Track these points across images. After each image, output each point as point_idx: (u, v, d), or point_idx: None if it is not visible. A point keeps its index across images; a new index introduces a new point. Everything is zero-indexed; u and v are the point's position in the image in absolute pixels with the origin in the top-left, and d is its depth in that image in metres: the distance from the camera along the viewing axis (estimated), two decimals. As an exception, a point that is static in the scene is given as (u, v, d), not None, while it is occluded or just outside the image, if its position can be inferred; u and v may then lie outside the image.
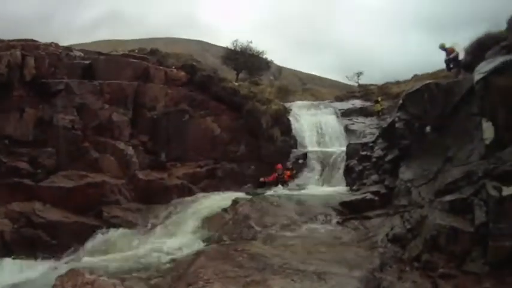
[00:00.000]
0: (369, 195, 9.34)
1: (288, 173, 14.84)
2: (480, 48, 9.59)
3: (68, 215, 11.69)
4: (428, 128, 8.33)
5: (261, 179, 15.00)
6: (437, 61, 12.85)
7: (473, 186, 5.81)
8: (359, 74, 37.56)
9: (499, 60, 5.85)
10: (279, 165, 14.93)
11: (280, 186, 14.08)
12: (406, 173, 8.33)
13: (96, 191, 12.54)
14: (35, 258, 10.33)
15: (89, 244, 10.72)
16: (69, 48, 17.61)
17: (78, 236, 10.95)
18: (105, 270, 7.59)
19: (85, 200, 12.19)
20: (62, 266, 9.21)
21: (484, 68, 5.98)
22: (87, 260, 9.27)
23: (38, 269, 9.49)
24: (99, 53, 18.61)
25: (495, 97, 5.53)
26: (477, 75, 6.04)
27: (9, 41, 15.18)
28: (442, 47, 13.81)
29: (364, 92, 27.94)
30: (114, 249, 10.06)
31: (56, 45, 17.06)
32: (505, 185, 4.87)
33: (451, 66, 13.58)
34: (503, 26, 8.81)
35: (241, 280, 5.89)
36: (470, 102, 7.17)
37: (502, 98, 5.45)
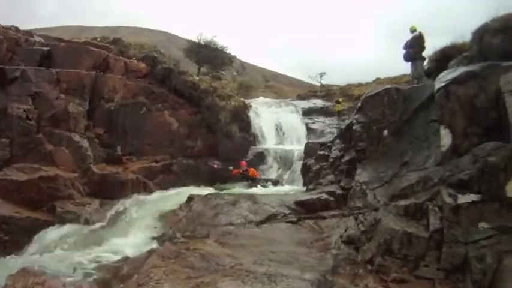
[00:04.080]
0: (324, 195, 9.25)
1: (252, 169, 14.82)
2: (444, 57, 9.75)
3: (19, 210, 11.15)
4: (385, 132, 8.34)
5: (231, 168, 15.04)
6: (400, 67, 12.50)
7: (429, 192, 5.83)
8: (322, 74, 38.11)
9: (460, 70, 5.90)
10: (243, 162, 14.96)
11: (249, 181, 14.24)
12: (362, 175, 8.29)
13: (49, 185, 11.97)
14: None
15: (41, 241, 10.39)
16: (29, 33, 16.76)
17: (31, 232, 10.59)
18: (56, 270, 7.38)
19: (38, 195, 11.66)
20: (14, 264, 8.80)
21: (445, 77, 6.04)
22: (38, 258, 8.98)
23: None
24: (60, 40, 17.91)
25: (455, 106, 5.57)
26: (438, 83, 6.09)
27: (-35, 20, 14.25)
28: (413, 30, 11.42)
29: (326, 92, 28.27)
30: (66, 246, 9.76)
31: (16, 29, 16.33)
32: (460, 193, 4.90)
33: (410, 55, 11.34)
34: (467, 38, 8.85)
35: (192, 281, 5.73)
36: (430, 109, 7.24)
37: (461, 107, 5.50)
